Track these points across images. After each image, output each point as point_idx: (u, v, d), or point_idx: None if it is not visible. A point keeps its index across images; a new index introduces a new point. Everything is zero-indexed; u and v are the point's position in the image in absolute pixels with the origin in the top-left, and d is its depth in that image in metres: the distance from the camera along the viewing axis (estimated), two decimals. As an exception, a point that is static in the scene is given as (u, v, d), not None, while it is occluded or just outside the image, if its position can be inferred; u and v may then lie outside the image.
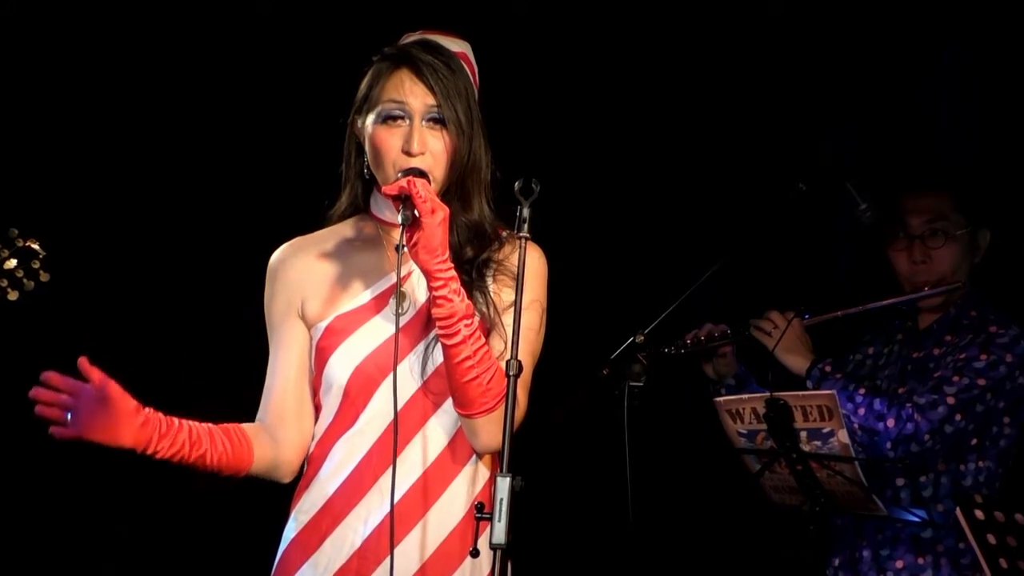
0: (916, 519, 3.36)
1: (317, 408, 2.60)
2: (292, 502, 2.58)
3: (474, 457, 2.55)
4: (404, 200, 2.39)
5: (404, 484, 2.49)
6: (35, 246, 3.36)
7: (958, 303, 3.57)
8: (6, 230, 3.36)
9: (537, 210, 2.36)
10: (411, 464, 2.50)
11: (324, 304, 2.57)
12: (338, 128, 2.60)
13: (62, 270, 3.33)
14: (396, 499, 2.46)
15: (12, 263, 3.33)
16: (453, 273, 2.42)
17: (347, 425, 2.53)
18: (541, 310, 2.57)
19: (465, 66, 2.57)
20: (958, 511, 2.64)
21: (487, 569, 2.46)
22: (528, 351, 2.51)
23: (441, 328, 2.42)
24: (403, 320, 2.52)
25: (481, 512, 2.33)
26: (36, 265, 3.36)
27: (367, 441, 2.51)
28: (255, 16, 4.31)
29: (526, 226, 2.36)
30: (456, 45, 2.60)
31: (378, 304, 2.55)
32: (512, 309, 2.47)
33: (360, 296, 2.56)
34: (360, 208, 2.64)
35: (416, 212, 2.37)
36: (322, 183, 2.69)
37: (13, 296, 3.34)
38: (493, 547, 2.24)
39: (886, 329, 3.71)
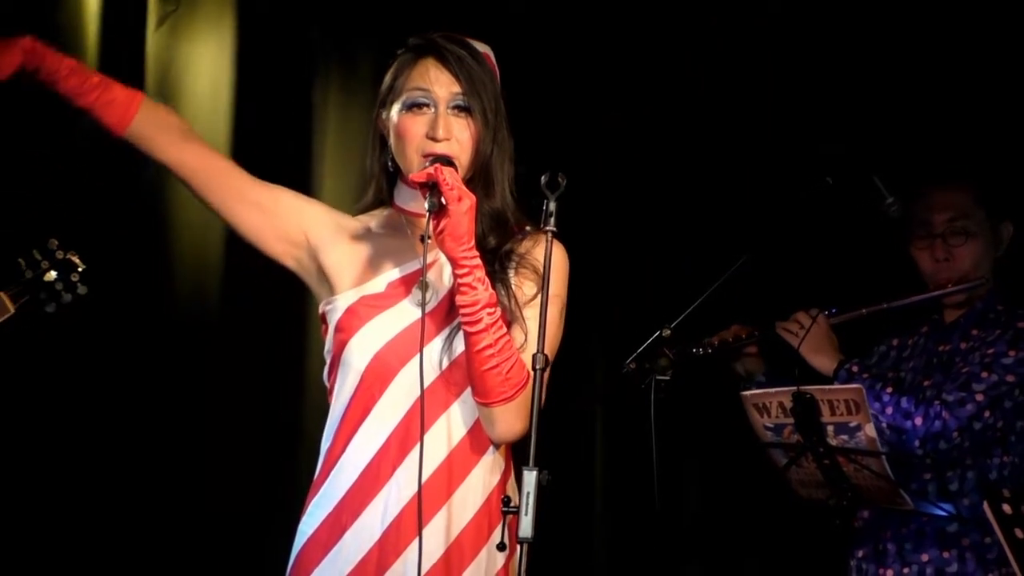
0: (943, 513, 3.35)
1: (331, 391, 2.58)
2: (308, 496, 2.56)
3: (491, 448, 2.53)
4: (431, 187, 2.39)
5: (423, 475, 2.46)
6: (75, 259, 3.34)
7: (984, 297, 3.56)
8: (45, 241, 3.33)
9: (563, 205, 2.35)
10: (428, 455, 2.46)
11: (349, 282, 2.56)
12: (362, 127, 2.61)
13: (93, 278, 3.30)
14: (413, 491, 2.46)
15: (52, 275, 3.30)
16: (478, 261, 2.41)
17: (363, 414, 2.51)
18: (561, 305, 2.56)
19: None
20: (985, 505, 2.63)
21: (502, 560, 2.48)
22: (547, 347, 2.45)
23: (464, 316, 2.41)
24: (426, 309, 2.50)
25: (508, 506, 2.32)
26: (75, 279, 3.33)
27: (384, 432, 2.50)
28: (263, 16, 4.32)
29: (552, 220, 2.34)
30: (477, 47, 2.58)
31: (401, 291, 2.54)
32: (533, 303, 2.49)
33: (383, 282, 2.55)
34: (385, 202, 2.64)
35: (443, 199, 2.37)
36: (340, 188, 2.69)
37: (50, 309, 3.32)
38: (520, 541, 2.23)
39: (911, 321, 3.70)
